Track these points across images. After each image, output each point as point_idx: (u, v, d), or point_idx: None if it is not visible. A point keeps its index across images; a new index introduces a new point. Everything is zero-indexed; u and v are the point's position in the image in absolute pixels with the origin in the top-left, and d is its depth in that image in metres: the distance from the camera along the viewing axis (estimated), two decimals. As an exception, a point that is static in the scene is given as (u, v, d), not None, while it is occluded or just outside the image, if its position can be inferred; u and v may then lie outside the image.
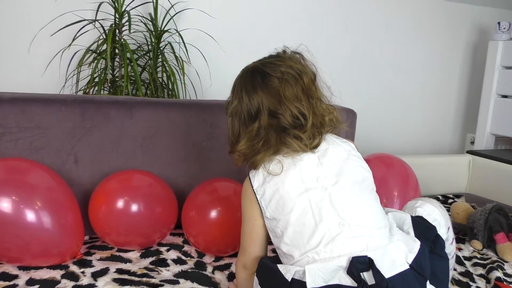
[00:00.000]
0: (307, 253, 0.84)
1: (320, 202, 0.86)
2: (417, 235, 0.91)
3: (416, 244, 0.86)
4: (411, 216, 0.96)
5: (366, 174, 0.94)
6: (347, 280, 0.80)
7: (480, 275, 1.24)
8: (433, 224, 0.97)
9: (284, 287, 0.83)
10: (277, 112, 0.90)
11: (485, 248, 1.43)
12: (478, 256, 1.37)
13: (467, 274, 1.24)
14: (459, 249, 1.41)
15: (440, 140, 2.78)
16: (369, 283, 0.78)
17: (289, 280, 0.82)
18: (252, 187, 0.93)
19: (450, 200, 1.95)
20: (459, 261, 1.32)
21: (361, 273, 0.79)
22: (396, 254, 0.83)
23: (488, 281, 1.21)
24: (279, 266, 0.87)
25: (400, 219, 0.96)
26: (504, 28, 2.43)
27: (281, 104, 0.90)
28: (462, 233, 1.53)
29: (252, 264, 0.95)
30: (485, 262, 1.32)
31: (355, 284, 0.79)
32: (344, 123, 0.99)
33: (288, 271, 0.84)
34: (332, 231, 0.84)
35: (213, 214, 1.22)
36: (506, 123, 2.38)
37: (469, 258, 1.35)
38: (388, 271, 0.80)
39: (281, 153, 0.91)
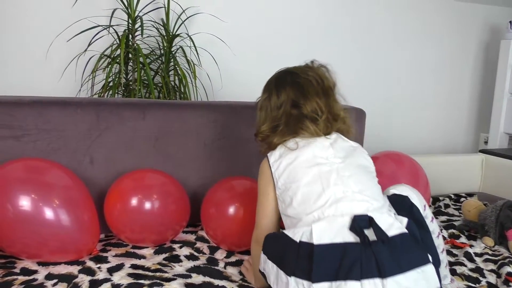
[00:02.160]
0: (313, 213, 0.93)
1: (328, 174, 0.98)
2: (397, 210, 0.99)
3: (405, 219, 0.94)
4: (387, 196, 1.04)
5: (370, 165, 1.07)
6: (351, 237, 0.87)
7: (491, 271, 1.24)
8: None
9: (293, 251, 0.89)
10: (299, 103, 1.05)
11: (497, 244, 1.42)
12: (490, 252, 1.37)
13: (477, 269, 1.24)
14: (471, 246, 1.41)
15: (454, 141, 2.77)
16: (371, 240, 0.86)
17: (298, 241, 0.89)
18: (269, 162, 1.05)
19: (462, 199, 1.94)
20: (470, 257, 1.32)
21: (364, 232, 0.86)
22: (393, 220, 0.91)
23: (499, 276, 1.21)
24: (285, 231, 0.95)
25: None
26: (515, 27, 2.42)
27: (304, 97, 1.05)
28: (474, 231, 1.53)
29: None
30: (496, 258, 1.32)
31: (358, 241, 0.85)
32: (352, 127, 1.13)
33: (295, 234, 0.91)
34: (337, 195, 0.94)
35: (231, 210, 1.26)
36: (520, 122, 2.36)
37: (480, 255, 1.35)
38: (387, 231, 0.88)
39: (298, 137, 1.04)
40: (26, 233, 1.10)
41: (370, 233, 0.87)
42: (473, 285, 1.16)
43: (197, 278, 1.10)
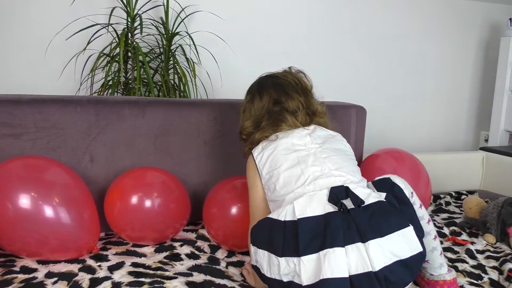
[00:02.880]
0: (294, 191, 0.98)
1: (306, 157, 1.03)
2: (378, 190, 1.01)
3: (384, 193, 0.99)
4: (371, 182, 1.07)
5: (348, 149, 1.13)
6: (331, 208, 0.92)
7: (493, 267, 1.24)
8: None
9: (279, 231, 0.92)
10: (280, 99, 1.13)
11: (498, 241, 1.42)
12: (491, 249, 1.37)
13: (479, 266, 1.23)
14: (472, 243, 1.40)
15: (454, 139, 2.77)
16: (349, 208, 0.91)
17: (283, 220, 0.93)
18: (253, 156, 1.10)
19: (463, 196, 1.94)
20: (471, 254, 1.31)
21: (341, 201, 0.91)
22: (371, 191, 0.97)
23: (501, 272, 1.20)
24: (269, 215, 0.99)
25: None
26: (515, 24, 2.41)
27: (285, 94, 1.13)
28: (475, 228, 1.53)
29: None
30: (498, 255, 1.31)
31: (332, 209, 0.91)
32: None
33: (279, 214, 0.95)
34: (315, 174, 1.00)
35: (233, 210, 1.25)
36: (520, 119, 2.36)
37: (482, 252, 1.35)
38: (365, 200, 0.93)
39: (278, 130, 1.10)
40: (26, 232, 1.09)
41: (348, 203, 0.92)
42: (475, 281, 1.15)
43: (198, 277, 1.09)
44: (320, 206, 0.93)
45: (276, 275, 0.91)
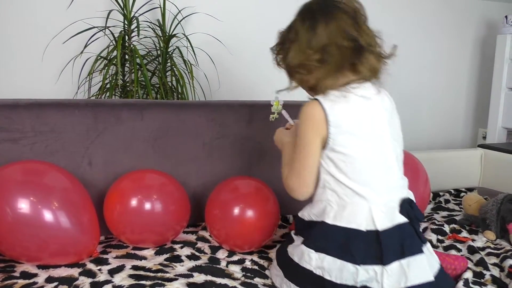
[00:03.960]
0: (371, 195, 0.95)
1: (387, 151, 0.99)
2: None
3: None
4: None
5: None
6: (403, 218, 0.96)
7: (494, 264, 1.24)
8: None
9: (358, 240, 0.92)
10: (352, 33, 0.93)
11: (499, 238, 1.42)
12: (492, 246, 1.37)
13: (481, 263, 1.23)
14: (472, 240, 1.40)
15: (452, 137, 2.77)
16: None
17: (365, 230, 0.93)
18: (324, 110, 0.93)
19: (462, 194, 1.94)
20: (472, 251, 1.31)
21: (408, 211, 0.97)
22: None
23: (502, 269, 1.20)
24: (340, 222, 0.95)
25: None
26: (511, 22, 2.42)
27: (358, 26, 0.95)
28: (475, 225, 1.53)
29: (301, 189, 0.99)
30: (498, 251, 1.31)
31: (407, 221, 0.96)
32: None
33: (358, 224, 0.94)
34: (391, 182, 0.99)
35: (236, 211, 1.24)
36: (517, 116, 2.36)
37: (482, 249, 1.34)
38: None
39: (350, 79, 0.96)
40: (26, 236, 1.09)
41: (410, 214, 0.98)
42: (478, 280, 1.15)
43: (199, 277, 1.09)
44: (395, 217, 0.96)
45: (349, 281, 0.91)
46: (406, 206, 0.97)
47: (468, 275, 1.13)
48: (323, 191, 0.99)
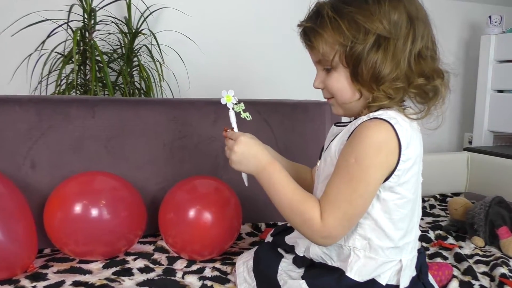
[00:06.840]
0: (404, 245, 0.81)
1: (419, 196, 0.84)
2: None
3: None
4: None
5: None
6: (414, 271, 0.85)
7: (483, 273, 1.11)
8: None
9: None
10: (428, 51, 0.78)
11: (487, 244, 1.30)
12: (480, 253, 1.24)
13: (469, 272, 1.10)
14: (460, 247, 1.28)
15: (438, 141, 2.67)
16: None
17: (384, 284, 0.79)
18: (399, 140, 0.71)
19: (448, 199, 1.83)
20: (459, 258, 1.19)
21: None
22: None
23: (492, 279, 1.08)
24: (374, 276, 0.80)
25: None
26: (495, 22, 2.35)
27: (433, 44, 0.80)
28: (462, 231, 1.41)
29: (342, 237, 0.77)
30: (488, 259, 1.19)
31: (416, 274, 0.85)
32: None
33: (384, 278, 0.79)
34: (417, 232, 0.86)
35: (192, 213, 1.10)
36: (504, 118, 2.27)
37: (470, 256, 1.22)
38: None
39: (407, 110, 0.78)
40: None
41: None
42: (465, 290, 1.02)
43: (147, 293, 0.95)
44: (412, 270, 0.85)
45: None
46: (421, 259, 0.88)
47: (454, 285, 1.00)
48: (351, 235, 0.78)
